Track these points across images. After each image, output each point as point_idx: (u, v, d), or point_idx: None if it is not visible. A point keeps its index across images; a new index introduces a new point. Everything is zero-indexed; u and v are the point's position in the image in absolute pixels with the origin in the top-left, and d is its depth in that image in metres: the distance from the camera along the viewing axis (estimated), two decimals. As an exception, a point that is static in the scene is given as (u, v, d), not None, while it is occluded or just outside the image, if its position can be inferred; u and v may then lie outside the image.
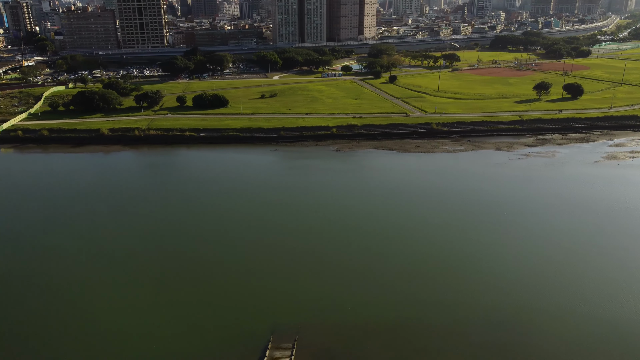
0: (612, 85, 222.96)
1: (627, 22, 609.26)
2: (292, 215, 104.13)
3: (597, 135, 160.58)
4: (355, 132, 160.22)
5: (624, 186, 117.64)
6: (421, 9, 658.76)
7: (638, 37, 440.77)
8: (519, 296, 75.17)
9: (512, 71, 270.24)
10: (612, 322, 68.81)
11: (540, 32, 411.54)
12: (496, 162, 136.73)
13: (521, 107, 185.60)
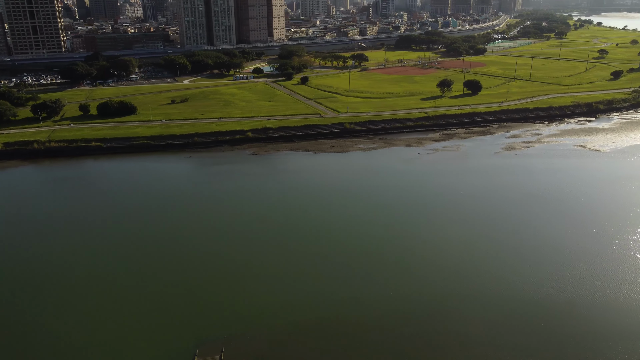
0: (506, 81, 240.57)
1: (516, 21, 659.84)
2: (211, 222, 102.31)
3: (496, 128, 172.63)
4: (270, 135, 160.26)
5: (522, 174, 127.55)
6: (328, 10, 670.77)
7: (526, 35, 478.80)
8: (440, 285, 79.30)
9: (416, 69, 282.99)
10: (525, 301, 74.66)
11: (440, 32, 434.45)
12: (407, 158, 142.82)
13: (427, 103, 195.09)
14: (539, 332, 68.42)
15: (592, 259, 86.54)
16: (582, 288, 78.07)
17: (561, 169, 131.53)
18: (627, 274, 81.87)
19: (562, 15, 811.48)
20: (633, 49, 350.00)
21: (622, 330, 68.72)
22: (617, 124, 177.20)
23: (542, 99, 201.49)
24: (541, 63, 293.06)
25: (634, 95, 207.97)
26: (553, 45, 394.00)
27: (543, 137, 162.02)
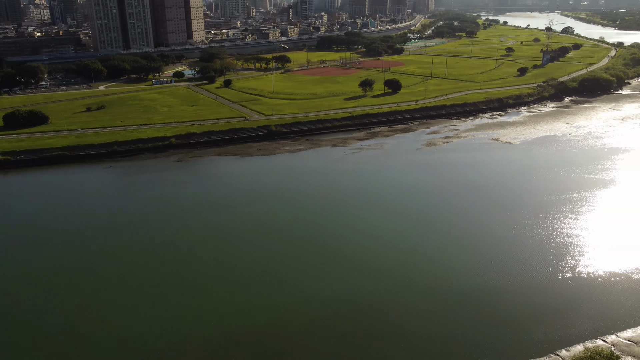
0: (424, 79, 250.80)
1: (430, 21, 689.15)
2: (135, 232, 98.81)
3: (417, 125, 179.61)
4: (195, 140, 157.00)
5: (442, 169, 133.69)
6: (248, 12, 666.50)
7: (440, 34, 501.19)
8: (371, 282, 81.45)
9: (339, 70, 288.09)
10: (452, 289, 78.54)
11: (360, 32, 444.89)
12: (334, 158, 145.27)
13: (350, 103, 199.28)
14: (466, 319, 72.22)
15: (511, 245, 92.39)
16: (504, 273, 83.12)
17: (478, 162, 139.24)
18: (544, 258, 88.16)
19: (472, 15, 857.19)
20: (536, 47, 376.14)
21: (539, 311, 73.96)
22: (525, 117, 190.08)
23: (458, 96, 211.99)
24: (455, 61, 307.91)
25: (538, 90, 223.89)
26: (465, 44, 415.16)
27: (460, 132, 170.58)
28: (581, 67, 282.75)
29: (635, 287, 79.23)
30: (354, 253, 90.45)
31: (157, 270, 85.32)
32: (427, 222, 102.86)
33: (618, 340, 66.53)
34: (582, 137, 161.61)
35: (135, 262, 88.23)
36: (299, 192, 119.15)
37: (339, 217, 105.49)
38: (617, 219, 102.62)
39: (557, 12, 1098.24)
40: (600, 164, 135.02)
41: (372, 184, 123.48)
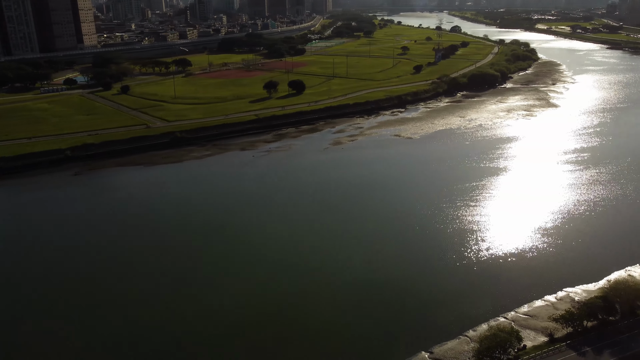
0: (327, 79, 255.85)
1: (328, 21, 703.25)
2: (27, 259, 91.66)
3: (323, 125, 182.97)
4: (94, 152, 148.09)
5: (350, 166, 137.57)
6: (143, 14, 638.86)
7: (339, 34, 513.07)
8: (285, 283, 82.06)
9: (242, 72, 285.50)
10: (366, 284, 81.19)
11: (261, 34, 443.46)
12: (243, 162, 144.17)
13: (256, 106, 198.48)
14: (378, 310, 75.15)
15: (418, 235, 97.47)
16: (412, 264, 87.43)
17: (382, 158, 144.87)
18: (449, 245, 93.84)
19: (368, 15, 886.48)
20: (429, 45, 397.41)
21: (448, 296, 78.71)
22: (423, 113, 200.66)
23: (360, 94, 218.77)
24: (355, 61, 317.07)
25: (433, 86, 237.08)
26: (363, 43, 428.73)
27: (364, 129, 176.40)
28: (470, 64, 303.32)
29: (529, 265, 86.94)
30: (268, 255, 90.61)
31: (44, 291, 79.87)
32: (334, 219, 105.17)
33: (517, 315, 72.74)
34: (475, 129, 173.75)
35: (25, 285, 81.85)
36: (207, 200, 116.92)
37: (246, 222, 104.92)
38: (510, 203, 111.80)
39: (445, 12, 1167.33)
40: (493, 154, 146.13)
41: (280, 186, 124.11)
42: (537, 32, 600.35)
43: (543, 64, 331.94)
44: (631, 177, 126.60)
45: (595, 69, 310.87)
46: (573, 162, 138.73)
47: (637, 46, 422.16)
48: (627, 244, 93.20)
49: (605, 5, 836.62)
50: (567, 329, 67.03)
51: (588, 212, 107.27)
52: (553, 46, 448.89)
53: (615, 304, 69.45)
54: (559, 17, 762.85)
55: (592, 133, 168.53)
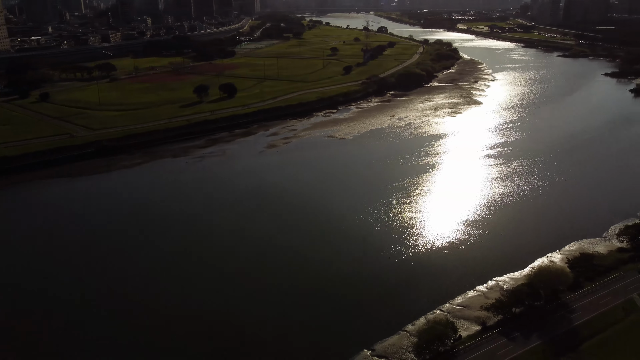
0: (259, 82, 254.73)
1: (257, 23, 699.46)
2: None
3: (257, 128, 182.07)
4: (11, 165, 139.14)
5: (285, 169, 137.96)
6: (61, 15, 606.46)
7: (269, 36, 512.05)
8: (232, 289, 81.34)
9: (171, 76, 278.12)
10: (307, 285, 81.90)
11: (189, 36, 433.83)
12: (175, 169, 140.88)
13: (187, 111, 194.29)
14: (320, 309, 76.28)
15: (355, 234, 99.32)
16: (351, 262, 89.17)
17: (317, 159, 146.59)
18: (386, 242, 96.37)
19: (297, 16, 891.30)
20: (357, 46, 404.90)
21: (387, 292, 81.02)
22: (355, 113, 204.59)
23: (292, 96, 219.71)
24: (286, 62, 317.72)
25: (363, 86, 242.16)
26: (293, 45, 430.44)
27: (298, 131, 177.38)
28: (397, 64, 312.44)
29: (460, 257, 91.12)
30: (204, 262, 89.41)
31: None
32: (272, 223, 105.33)
33: (452, 307, 76.18)
34: (405, 128, 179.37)
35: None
36: (138, 209, 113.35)
37: (181, 231, 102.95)
38: (441, 198, 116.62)
39: (371, 12, 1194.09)
40: (423, 151, 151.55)
41: (215, 193, 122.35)
42: (458, 31, 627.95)
43: (465, 62, 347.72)
44: (549, 169, 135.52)
45: (512, 67, 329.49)
46: (497, 157, 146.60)
47: (548, 44, 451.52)
48: (547, 232, 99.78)
49: (519, 6, 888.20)
50: (498, 317, 71.05)
51: (512, 203, 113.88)
52: (473, 45, 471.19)
53: (540, 289, 74.37)
54: (478, 17, 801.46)
55: (513, 128, 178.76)
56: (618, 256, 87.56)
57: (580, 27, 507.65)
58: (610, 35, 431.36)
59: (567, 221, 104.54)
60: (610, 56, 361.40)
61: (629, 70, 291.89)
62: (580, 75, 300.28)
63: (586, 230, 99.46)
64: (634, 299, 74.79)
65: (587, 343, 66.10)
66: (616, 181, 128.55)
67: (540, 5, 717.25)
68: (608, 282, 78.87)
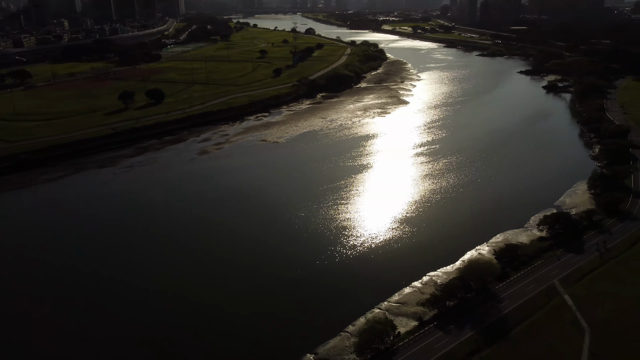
0: (187, 86, 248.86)
1: (183, 25, 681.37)
2: None
3: (187, 135, 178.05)
4: None
5: (218, 176, 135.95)
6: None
7: (196, 38, 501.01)
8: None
9: (93, 82, 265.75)
10: (246, 293, 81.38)
11: (110, 39, 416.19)
12: (102, 181, 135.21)
13: (112, 118, 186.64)
14: (260, 315, 76.23)
15: (292, 240, 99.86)
16: (293, 268, 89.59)
17: (251, 164, 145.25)
18: (325, 245, 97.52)
19: (223, 18, 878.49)
20: (286, 48, 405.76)
21: (327, 295, 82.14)
22: (287, 116, 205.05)
23: (223, 100, 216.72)
24: (215, 66, 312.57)
25: (294, 89, 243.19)
26: (221, 47, 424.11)
27: (230, 137, 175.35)
28: (326, 65, 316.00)
29: (396, 254, 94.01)
30: (136, 279, 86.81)
31: None
32: (208, 230, 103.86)
33: (390, 305, 78.51)
34: (336, 130, 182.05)
35: None
36: (64, 227, 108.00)
37: (111, 244, 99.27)
38: (375, 198, 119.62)
39: (298, 13, 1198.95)
40: (355, 152, 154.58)
41: (147, 204, 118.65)
42: (383, 32, 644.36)
43: (392, 63, 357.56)
44: (473, 165, 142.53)
45: (436, 66, 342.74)
46: (425, 155, 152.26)
47: (468, 44, 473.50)
48: (475, 225, 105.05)
49: (439, 7, 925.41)
50: (434, 311, 74.09)
51: (441, 199, 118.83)
52: (398, 46, 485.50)
53: (470, 282, 78.37)
54: (402, 19, 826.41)
55: (439, 126, 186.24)
56: (539, 245, 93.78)
57: (496, 27, 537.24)
58: (523, 35, 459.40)
59: (492, 214, 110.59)
60: (524, 55, 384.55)
61: (540, 68, 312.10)
62: (498, 73, 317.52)
63: (510, 222, 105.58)
64: (555, 284, 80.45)
65: (515, 329, 70.36)
66: (534, 173, 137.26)
67: (459, 6, 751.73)
68: (531, 271, 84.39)
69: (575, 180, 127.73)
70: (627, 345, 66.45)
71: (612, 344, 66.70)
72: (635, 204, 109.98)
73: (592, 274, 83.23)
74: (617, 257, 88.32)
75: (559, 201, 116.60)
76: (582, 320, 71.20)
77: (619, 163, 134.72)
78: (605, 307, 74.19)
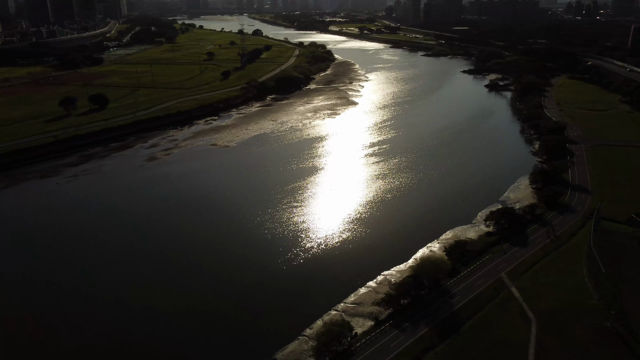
0: (132, 90, 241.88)
1: (126, 27, 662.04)
2: None
3: (134, 141, 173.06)
4: None
5: (167, 182, 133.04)
6: None
7: (139, 41, 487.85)
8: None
9: (31, 88, 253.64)
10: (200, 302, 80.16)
11: (48, 42, 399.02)
12: (45, 192, 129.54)
13: (53, 126, 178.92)
14: (216, 325, 75.37)
15: (247, 246, 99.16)
16: (250, 275, 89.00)
17: (202, 170, 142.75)
18: (281, 249, 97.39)
19: (168, 19, 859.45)
20: (234, 50, 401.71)
21: (284, 299, 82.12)
22: (237, 119, 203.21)
23: (171, 105, 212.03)
24: (161, 69, 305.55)
25: (243, 92, 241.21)
26: (167, 50, 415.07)
27: (179, 141, 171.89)
28: (275, 67, 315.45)
29: (351, 255, 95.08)
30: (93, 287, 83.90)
31: None
32: (162, 239, 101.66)
33: (346, 306, 79.39)
34: (287, 132, 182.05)
35: None
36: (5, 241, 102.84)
37: (61, 258, 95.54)
38: (328, 199, 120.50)
39: (245, 14, 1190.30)
40: (307, 154, 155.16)
41: (92, 214, 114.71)
42: (331, 33, 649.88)
43: (340, 64, 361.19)
44: (421, 163, 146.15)
45: (383, 67, 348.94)
46: (375, 155, 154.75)
47: (413, 44, 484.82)
48: (426, 223, 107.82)
49: (384, 8, 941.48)
50: (389, 310, 75.50)
51: (392, 198, 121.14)
52: (346, 47, 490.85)
53: (423, 279, 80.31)
54: (348, 19, 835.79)
55: (387, 126, 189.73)
56: (486, 240, 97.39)
57: (439, 27, 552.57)
58: (465, 35, 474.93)
59: (442, 211, 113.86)
60: (466, 54, 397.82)
61: (482, 67, 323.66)
62: (443, 73, 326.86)
63: (459, 218, 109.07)
64: (502, 277, 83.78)
65: (467, 323, 72.74)
66: (480, 169, 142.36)
67: (403, 7, 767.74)
68: (480, 265, 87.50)
69: (518, 175, 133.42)
70: (570, 332, 70.10)
71: (557, 332, 70.17)
72: (573, 197, 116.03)
73: (536, 266, 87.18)
74: (559, 249, 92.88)
75: (504, 196, 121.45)
76: (529, 311, 74.50)
77: (557, 158, 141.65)
78: (549, 297, 77.94)
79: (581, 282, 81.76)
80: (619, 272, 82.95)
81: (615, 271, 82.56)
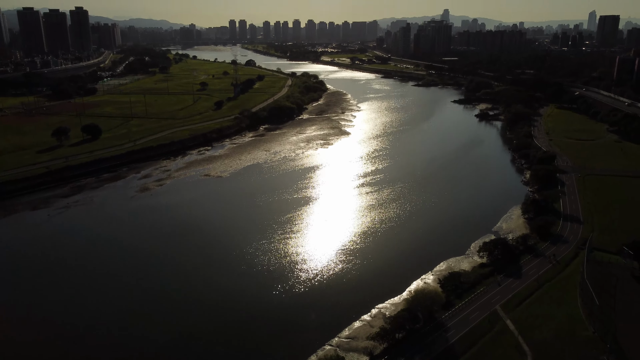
0: (125, 121, 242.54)
1: (120, 57, 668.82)
2: None
3: (126, 171, 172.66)
4: None
5: (160, 213, 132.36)
6: None
7: (133, 71, 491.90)
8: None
9: (22, 118, 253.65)
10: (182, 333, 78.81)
11: (42, 73, 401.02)
12: (36, 223, 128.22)
13: (45, 156, 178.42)
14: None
15: (241, 278, 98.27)
16: (243, 307, 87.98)
17: (193, 201, 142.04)
18: (274, 280, 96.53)
19: (162, 49, 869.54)
20: (226, 80, 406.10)
21: (278, 332, 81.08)
22: (230, 149, 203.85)
23: (163, 135, 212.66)
24: (154, 99, 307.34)
25: (236, 121, 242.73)
26: (160, 80, 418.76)
27: (172, 172, 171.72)
28: (267, 97, 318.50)
29: (345, 287, 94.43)
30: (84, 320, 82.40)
31: None
32: (152, 271, 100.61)
33: (340, 340, 78.47)
34: (280, 162, 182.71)
35: None
36: None
37: (51, 289, 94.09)
38: (322, 230, 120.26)
39: (238, 45, 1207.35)
40: (300, 184, 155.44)
41: (84, 244, 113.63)
42: (322, 63, 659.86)
43: (332, 94, 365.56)
44: (414, 194, 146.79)
45: (375, 96, 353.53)
46: (368, 185, 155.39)
47: (404, 74, 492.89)
48: (419, 254, 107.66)
49: (375, 38, 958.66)
50: (383, 345, 74.67)
51: (385, 230, 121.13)
52: (338, 77, 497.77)
53: (418, 312, 79.79)
54: (340, 50, 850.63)
55: (380, 156, 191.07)
56: (480, 271, 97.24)
57: (429, 58, 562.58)
58: (454, 66, 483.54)
59: (435, 242, 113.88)
60: (456, 84, 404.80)
61: (472, 97, 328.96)
62: (433, 102, 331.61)
63: (452, 249, 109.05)
64: (497, 310, 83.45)
65: (462, 358, 72.06)
66: (472, 199, 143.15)
67: (394, 38, 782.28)
68: (475, 298, 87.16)
69: (510, 205, 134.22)
70: (566, 365, 69.67)
71: (553, 365, 69.71)
72: (565, 227, 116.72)
73: (530, 297, 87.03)
74: (552, 280, 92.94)
75: (497, 227, 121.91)
76: (524, 344, 74.06)
77: (548, 187, 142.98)
78: (543, 329, 77.61)
79: (575, 313, 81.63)
80: (613, 304, 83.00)
81: (609, 302, 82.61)
